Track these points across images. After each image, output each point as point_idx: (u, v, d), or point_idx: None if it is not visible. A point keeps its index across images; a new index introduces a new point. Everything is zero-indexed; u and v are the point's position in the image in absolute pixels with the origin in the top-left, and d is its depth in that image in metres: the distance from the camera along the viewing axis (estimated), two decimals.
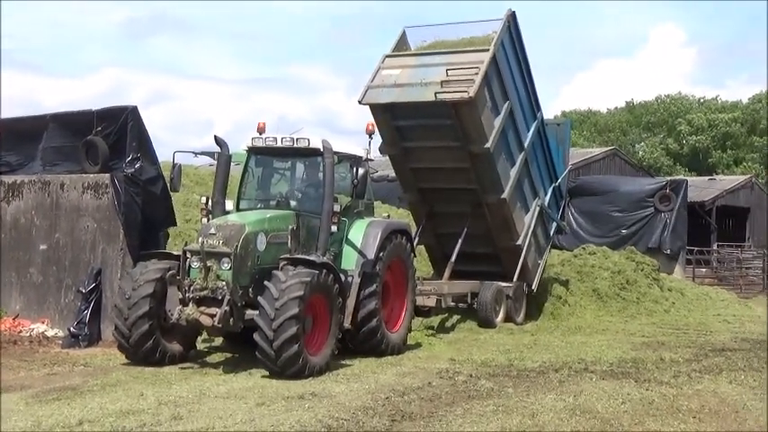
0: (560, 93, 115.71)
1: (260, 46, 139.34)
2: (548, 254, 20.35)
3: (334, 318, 12.29)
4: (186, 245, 12.61)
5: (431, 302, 17.16)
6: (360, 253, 13.50)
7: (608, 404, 10.24)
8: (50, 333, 14.82)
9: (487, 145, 17.06)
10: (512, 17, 17.94)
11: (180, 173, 13.61)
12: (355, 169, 13.47)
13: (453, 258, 18.10)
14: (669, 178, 40.26)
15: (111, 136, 15.17)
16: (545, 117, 20.21)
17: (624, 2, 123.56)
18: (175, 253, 12.63)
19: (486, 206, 18.08)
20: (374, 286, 13.36)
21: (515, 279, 18.58)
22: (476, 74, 16.55)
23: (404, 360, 13.46)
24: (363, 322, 13.26)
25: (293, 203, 13.69)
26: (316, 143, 13.25)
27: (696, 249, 36.96)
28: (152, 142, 15.39)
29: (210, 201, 13.43)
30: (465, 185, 17.92)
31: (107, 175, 14.93)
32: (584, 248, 24.60)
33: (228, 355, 13.37)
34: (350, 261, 13.50)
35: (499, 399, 10.43)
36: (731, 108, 73.33)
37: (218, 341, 14.15)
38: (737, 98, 78.22)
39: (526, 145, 18.63)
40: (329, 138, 13.28)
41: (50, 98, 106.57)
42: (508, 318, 18.27)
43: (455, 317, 17.99)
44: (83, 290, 14.52)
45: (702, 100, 77.96)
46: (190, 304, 11.93)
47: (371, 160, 14.84)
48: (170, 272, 12.26)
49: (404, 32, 18.41)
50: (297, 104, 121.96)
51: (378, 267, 13.47)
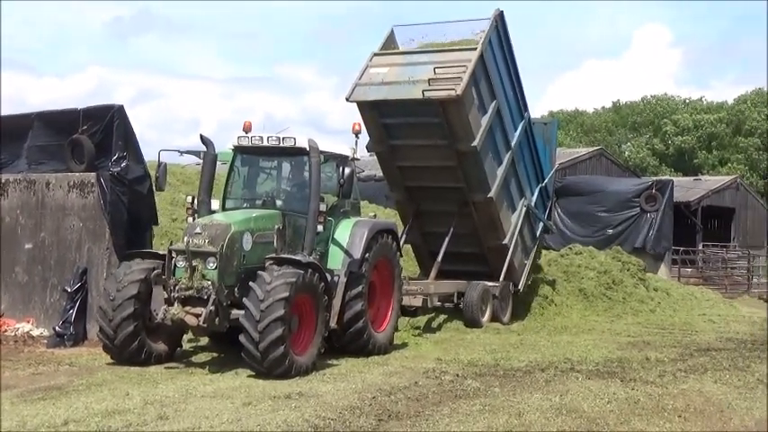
0: (547, 93, 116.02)
1: (247, 45, 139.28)
2: (534, 254, 20.36)
3: (320, 317, 12.26)
4: (171, 244, 12.56)
5: (417, 302, 17.20)
6: (346, 253, 13.47)
7: (594, 403, 10.27)
8: (36, 332, 14.74)
9: (474, 143, 17.08)
10: (499, 17, 17.97)
11: (165, 172, 13.58)
12: (342, 169, 13.44)
13: (440, 258, 18.11)
14: (655, 178, 40.41)
15: (96, 135, 15.09)
16: (532, 117, 20.26)
17: (611, 2, 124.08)
18: (161, 252, 12.59)
19: (472, 205, 18.10)
20: (360, 286, 13.35)
21: (502, 279, 18.60)
22: (463, 72, 16.57)
23: (391, 360, 13.45)
24: (350, 322, 13.26)
25: (279, 203, 13.65)
26: (302, 142, 13.22)
27: (682, 249, 37.12)
28: (138, 141, 15.37)
29: (196, 200, 13.37)
30: (452, 184, 17.93)
31: (93, 174, 14.86)
32: (570, 248, 24.67)
33: (215, 355, 13.35)
34: (336, 261, 13.48)
35: (486, 398, 10.44)
36: (716, 109, 73.68)
37: (204, 341, 14.12)
38: (723, 99, 78.66)
39: (513, 144, 18.66)
40: (316, 137, 13.29)
41: (36, 97, 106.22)
42: (494, 317, 18.30)
43: (442, 316, 18.00)
44: (68, 289, 14.45)
45: (688, 100, 78.30)
46: (175, 304, 11.87)
47: (358, 159, 14.83)
48: (155, 271, 12.21)
49: (392, 31, 18.42)
50: (284, 104, 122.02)
51: (364, 267, 13.46)
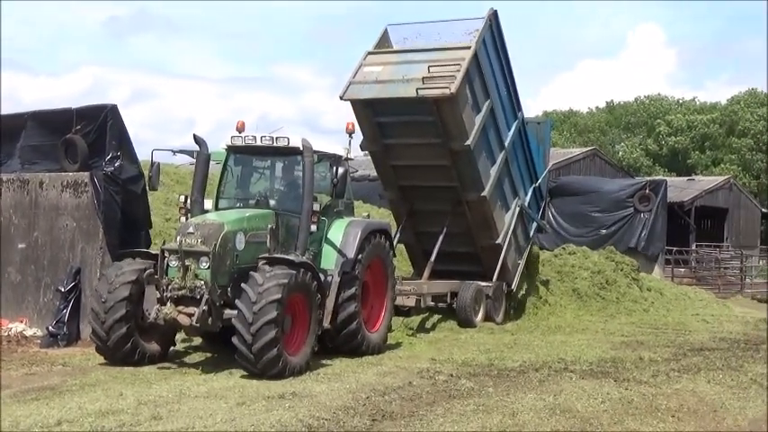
0: (541, 93, 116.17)
1: (243, 45, 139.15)
2: (527, 254, 20.35)
3: (313, 317, 12.23)
4: (164, 243, 12.53)
5: (410, 302, 17.20)
6: (339, 252, 13.45)
7: (587, 403, 10.28)
8: (29, 333, 14.69)
9: (468, 142, 17.08)
10: (493, 16, 17.99)
11: (158, 171, 13.54)
12: (335, 168, 13.38)
13: (433, 258, 18.10)
14: (648, 179, 40.52)
15: (90, 134, 15.06)
16: (525, 116, 20.26)
17: (606, 2, 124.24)
18: (153, 252, 12.55)
19: (466, 204, 18.10)
20: (354, 286, 13.32)
21: (495, 279, 18.60)
22: (457, 71, 16.59)
23: (384, 360, 13.45)
24: (343, 322, 13.22)
25: (272, 202, 13.60)
26: (295, 142, 13.18)
27: (675, 249, 37.20)
28: (132, 141, 15.33)
29: (189, 200, 13.31)
30: (445, 183, 17.93)
31: (86, 174, 14.83)
32: (564, 248, 24.72)
33: (208, 355, 13.33)
34: (329, 261, 13.45)
35: (480, 398, 10.44)
36: (710, 109, 73.87)
37: (197, 341, 14.09)
38: (716, 99, 78.87)
39: (507, 144, 18.67)
40: (310, 137, 13.26)
41: (30, 96, 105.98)
42: (488, 317, 18.28)
43: (435, 316, 17.99)
44: (62, 289, 14.41)
45: (681, 101, 78.47)
46: (168, 303, 11.82)
47: (351, 159, 14.80)
48: (147, 271, 12.16)
49: (386, 30, 18.43)
50: (279, 104, 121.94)
51: (357, 267, 13.43)
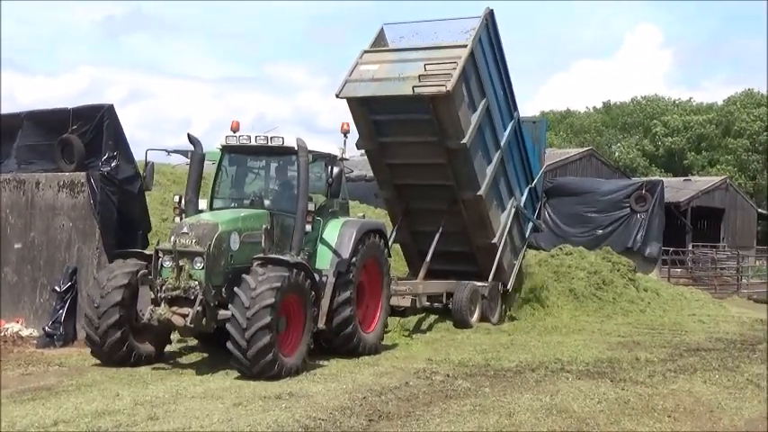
0: (539, 93, 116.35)
1: (238, 45, 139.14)
2: (523, 254, 20.35)
3: (308, 318, 12.20)
4: (158, 244, 12.49)
5: (406, 302, 17.19)
6: (334, 253, 13.40)
7: (584, 404, 10.29)
8: (25, 333, 14.68)
9: (464, 140, 17.08)
10: (490, 15, 17.99)
11: (153, 171, 13.51)
12: (330, 168, 13.37)
13: (429, 257, 18.10)
14: (645, 179, 40.55)
15: (86, 134, 15.07)
16: (521, 116, 20.26)
17: (602, 3, 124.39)
18: (147, 252, 12.50)
19: (462, 203, 18.10)
20: (349, 286, 13.30)
21: (491, 279, 18.58)
22: (453, 68, 16.59)
23: (381, 360, 13.45)
24: (338, 322, 13.20)
25: (267, 203, 13.56)
26: (290, 142, 13.13)
27: (671, 250, 37.23)
28: (128, 141, 15.34)
29: (184, 200, 13.26)
30: (441, 182, 17.91)
31: (83, 174, 14.83)
32: (560, 249, 24.69)
33: (205, 355, 13.31)
34: (324, 261, 13.41)
35: (476, 398, 10.45)
36: (706, 110, 74.00)
37: (193, 341, 14.08)
38: (714, 99, 79.09)
39: (503, 144, 18.67)
40: (306, 137, 13.24)
41: (26, 96, 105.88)
42: (483, 318, 18.26)
43: (432, 317, 17.98)
44: (58, 289, 14.40)
45: (677, 101, 78.62)
46: (162, 304, 11.76)
47: (347, 159, 14.75)
48: (141, 272, 12.10)
49: (382, 29, 18.43)
50: (275, 104, 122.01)
51: (352, 267, 13.40)
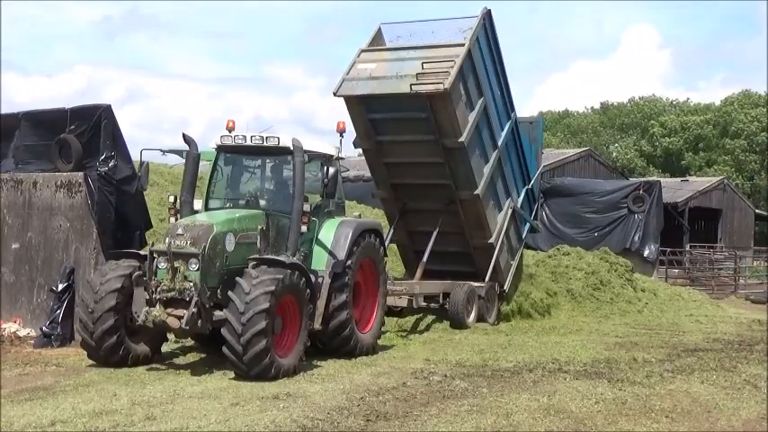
0: (536, 93, 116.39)
1: (235, 45, 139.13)
2: (520, 255, 20.33)
3: (303, 318, 12.14)
4: (153, 245, 12.45)
5: (402, 302, 17.17)
6: (330, 253, 13.34)
7: (581, 404, 10.30)
8: (22, 333, 14.66)
9: (462, 139, 17.07)
10: (487, 15, 18.00)
11: (147, 171, 13.49)
12: (326, 168, 13.30)
13: (425, 258, 18.08)
14: (643, 179, 40.57)
15: (84, 134, 15.04)
16: (518, 116, 20.24)
17: (600, 3, 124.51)
18: (142, 253, 12.44)
19: (459, 203, 18.09)
20: (345, 287, 13.22)
21: (487, 279, 18.56)
22: (451, 67, 16.60)
23: (379, 360, 13.44)
24: (334, 323, 13.12)
25: (263, 203, 13.49)
26: (285, 142, 13.08)
27: (669, 250, 37.25)
28: (126, 141, 15.32)
29: (179, 200, 13.18)
30: (438, 181, 17.89)
31: (80, 174, 14.81)
32: (558, 249, 24.74)
33: (202, 356, 13.29)
34: (320, 261, 13.34)
35: (474, 399, 10.45)
36: (703, 110, 74.08)
37: (190, 341, 14.05)
38: (711, 100, 79.21)
39: (500, 144, 18.67)
40: (304, 137, 13.21)
41: (23, 95, 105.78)
42: (480, 318, 18.23)
43: (429, 317, 17.99)
44: (55, 289, 14.39)
45: (675, 102, 78.72)
46: (157, 305, 11.68)
47: (342, 159, 14.72)
48: (136, 273, 12.01)
49: (379, 29, 18.45)
50: (272, 104, 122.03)
51: (348, 268, 13.34)
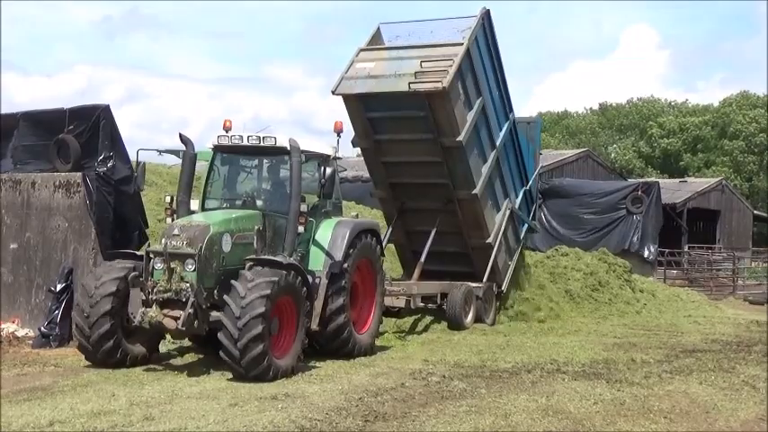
0: (534, 93, 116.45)
1: (235, 45, 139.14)
2: (518, 255, 20.32)
3: (300, 319, 12.10)
4: (149, 245, 12.41)
5: (400, 303, 17.14)
6: (327, 254, 13.29)
7: (580, 405, 10.29)
8: (21, 333, 14.66)
9: (460, 138, 17.07)
10: (486, 15, 18.01)
11: (144, 171, 13.47)
12: (323, 168, 13.28)
13: (423, 258, 18.06)
14: (641, 180, 40.61)
15: (83, 135, 15.05)
16: (516, 116, 20.24)
17: (598, 3, 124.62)
18: (139, 253, 12.40)
19: (457, 202, 18.09)
20: (342, 287, 13.18)
21: (485, 280, 18.51)
22: (450, 66, 16.62)
23: (377, 361, 13.43)
24: (331, 324, 13.07)
25: (260, 203, 13.46)
26: (282, 142, 13.03)
27: (667, 251, 37.27)
28: (124, 142, 15.32)
29: (175, 200, 13.11)
30: (437, 180, 17.88)
31: (79, 174, 14.82)
32: (556, 250, 24.74)
33: (201, 356, 13.27)
34: (317, 262, 13.29)
35: (472, 399, 10.45)
36: (702, 111, 74.14)
37: (188, 342, 14.02)
38: (710, 101, 79.27)
39: (498, 144, 18.67)
40: (301, 137, 13.17)
41: (23, 95, 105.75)
42: (478, 319, 18.20)
43: (428, 318, 17.97)
44: (54, 289, 14.39)
45: (673, 103, 78.80)
46: (153, 306, 11.64)
47: (339, 159, 14.67)
48: (132, 274, 11.97)
49: (378, 29, 18.47)
50: (271, 104, 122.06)
51: (346, 268, 13.29)
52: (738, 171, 66.41)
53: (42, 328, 14.19)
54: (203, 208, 13.40)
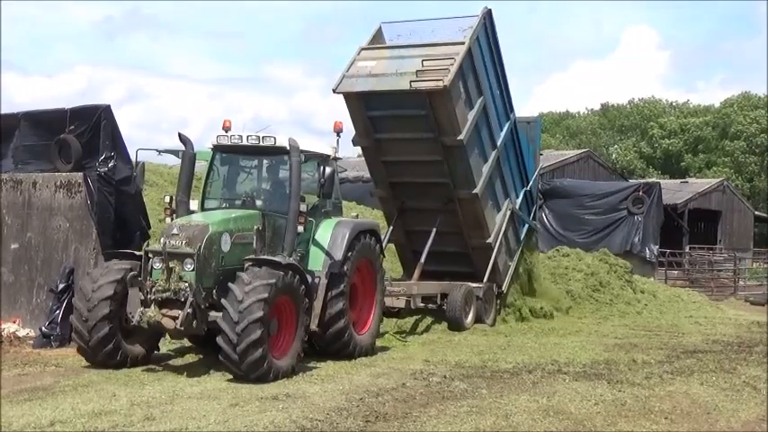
0: (535, 94, 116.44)
1: (235, 45, 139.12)
2: (518, 256, 20.29)
3: (300, 319, 12.06)
4: (147, 245, 12.38)
5: (400, 303, 17.11)
6: (327, 254, 13.25)
7: (581, 405, 10.30)
8: (22, 333, 14.65)
9: (461, 137, 17.05)
10: (487, 14, 18.00)
11: (143, 171, 13.46)
12: (322, 168, 13.24)
13: (423, 258, 18.04)
14: (642, 181, 40.61)
15: (84, 135, 15.05)
16: (517, 116, 20.22)
17: (599, 3, 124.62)
18: (138, 253, 12.36)
19: (457, 201, 18.07)
20: (342, 287, 13.14)
21: (485, 280, 18.48)
22: (451, 64, 16.61)
23: (378, 361, 13.43)
24: (331, 324, 13.03)
25: (259, 203, 13.42)
26: (282, 141, 13.00)
27: (668, 252, 37.28)
28: (125, 142, 15.33)
29: (174, 200, 13.09)
30: (437, 179, 17.85)
31: (80, 174, 14.82)
32: (557, 250, 24.75)
33: (201, 356, 13.27)
34: (317, 262, 13.25)
35: (473, 400, 10.45)
36: (703, 112, 74.14)
37: (188, 342, 14.01)
38: (711, 101, 79.25)
39: (499, 144, 18.65)
40: (301, 137, 13.15)
41: (23, 96, 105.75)
42: (478, 319, 18.17)
43: (429, 318, 17.94)
44: (55, 289, 14.39)
45: (675, 104, 78.80)
46: (151, 306, 11.62)
47: (339, 159, 14.63)
48: (131, 273, 11.92)
49: (380, 28, 18.46)
50: (271, 104, 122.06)
51: (345, 268, 13.25)
52: (739, 172, 66.40)
53: (43, 328, 14.18)
54: (203, 208, 13.37)
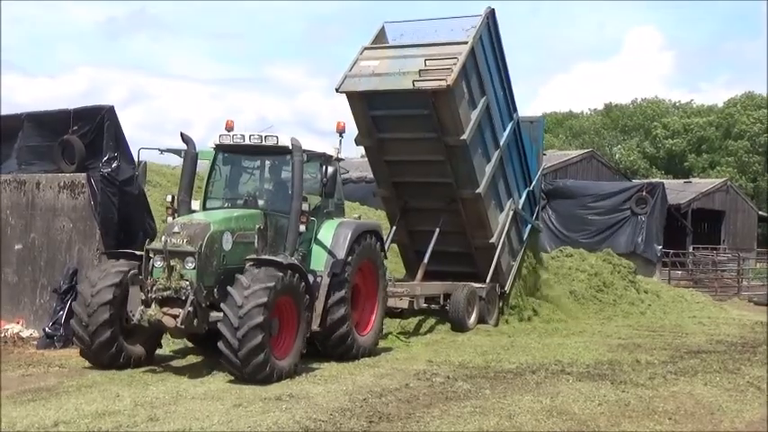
0: (539, 94, 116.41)
1: (236, 45, 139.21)
2: (521, 256, 20.28)
3: (301, 320, 12.04)
4: (149, 243, 12.38)
5: (403, 304, 17.08)
6: (329, 254, 13.23)
7: (584, 405, 10.29)
8: (25, 333, 14.68)
9: (464, 137, 17.03)
10: (491, 14, 17.98)
11: (145, 170, 13.46)
12: (325, 168, 13.22)
13: (426, 258, 18.01)
14: (646, 181, 40.59)
15: (87, 135, 15.07)
16: (520, 116, 20.21)
17: (602, 4, 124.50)
18: (138, 252, 12.32)
19: (460, 201, 18.06)
20: (343, 288, 13.11)
21: (488, 280, 18.46)
22: (454, 64, 16.60)
23: (381, 361, 13.42)
24: (332, 325, 13.01)
25: (261, 202, 13.41)
26: (284, 141, 12.99)
27: (672, 252, 37.25)
28: (128, 143, 15.35)
29: (176, 199, 13.09)
30: (440, 179, 17.83)
31: (83, 175, 14.84)
32: (561, 250, 24.74)
33: (203, 357, 13.25)
34: (319, 262, 13.24)
35: (476, 400, 10.44)
36: (707, 112, 74.11)
37: (189, 343, 13.99)
38: (714, 101, 79.15)
39: (502, 143, 18.62)
40: (303, 137, 13.12)
41: (26, 96, 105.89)
42: (481, 320, 18.15)
43: (432, 318, 17.94)
44: (58, 290, 14.40)
45: (678, 104, 78.76)
46: (152, 305, 11.58)
47: (342, 159, 14.61)
48: (132, 272, 11.92)
49: (383, 27, 18.45)
50: (274, 105, 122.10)
51: (347, 268, 13.22)
52: (743, 171, 66.34)
53: (47, 329, 14.18)
54: (204, 207, 13.35)
